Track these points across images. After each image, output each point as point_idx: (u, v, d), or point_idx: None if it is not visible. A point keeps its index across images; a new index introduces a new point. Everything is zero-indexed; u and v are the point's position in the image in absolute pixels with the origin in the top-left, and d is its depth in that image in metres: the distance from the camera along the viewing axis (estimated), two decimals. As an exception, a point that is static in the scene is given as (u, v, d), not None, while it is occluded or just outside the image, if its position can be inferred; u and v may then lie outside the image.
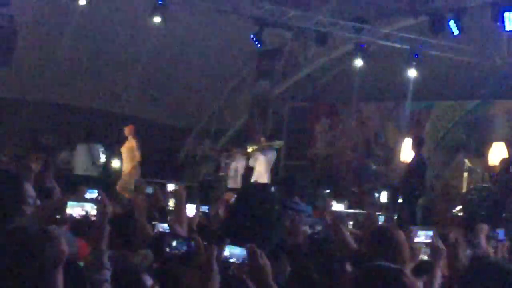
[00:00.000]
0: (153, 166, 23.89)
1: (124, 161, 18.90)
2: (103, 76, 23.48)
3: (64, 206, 3.91)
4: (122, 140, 19.10)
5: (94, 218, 3.97)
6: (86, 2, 19.44)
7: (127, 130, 18.92)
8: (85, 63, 22.93)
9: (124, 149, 18.82)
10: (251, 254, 3.22)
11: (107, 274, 3.82)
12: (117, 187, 18.14)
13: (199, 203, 7.92)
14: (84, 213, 4.11)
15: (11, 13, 19.38)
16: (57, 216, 3.97)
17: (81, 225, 4.83)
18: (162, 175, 19.54)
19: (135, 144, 18.64)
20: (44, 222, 3.85)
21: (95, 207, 4.00)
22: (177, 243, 3.05)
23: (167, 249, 3.07)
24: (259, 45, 21.54)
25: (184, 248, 3.03)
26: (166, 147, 25.86)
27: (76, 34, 21.08)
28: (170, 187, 8.67)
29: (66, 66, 22.21)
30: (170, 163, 25.18)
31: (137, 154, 18.67)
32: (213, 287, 2.89)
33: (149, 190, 9.89)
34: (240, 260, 3.15)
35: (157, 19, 19.94)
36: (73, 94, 24.14)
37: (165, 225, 6.83)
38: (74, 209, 4.12)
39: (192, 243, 3.01)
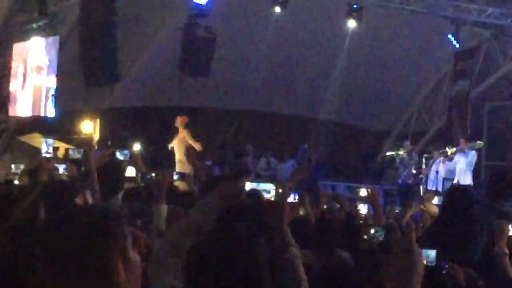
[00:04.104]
0: (352, 170, 24.01)
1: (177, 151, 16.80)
2: (299, 82, 23.78)
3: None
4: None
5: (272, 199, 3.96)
6: (281, 9, 19.88)
7: (178, 122, 16.80)
8: (282, 70, 23.31)
9: (175, 141, 16.83)
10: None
11: (295, 251, 3.86)
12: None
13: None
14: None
15: (209, 24, 20.07)
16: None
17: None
18: (361, 180, 19.58)
19: (187, 134, 16.62)
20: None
21: (272, 187, 3.99)
22: (375, 231, 3.02)
23: (365, 237, 3.04)
24: (456, 45, 21.22)
25: (382, 236, 2.98)
26: (365, 151, 25.88)
27: (272, 41, 21.52)
28: (362, 192, 8.40)
29: (263, 73, 22.64)
30: (369, 167, 25.19)
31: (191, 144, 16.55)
32: (417, 272, 2.75)
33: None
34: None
35: (352, 23, 20.15)
36: (271, 101, 24.61)
37: None
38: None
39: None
